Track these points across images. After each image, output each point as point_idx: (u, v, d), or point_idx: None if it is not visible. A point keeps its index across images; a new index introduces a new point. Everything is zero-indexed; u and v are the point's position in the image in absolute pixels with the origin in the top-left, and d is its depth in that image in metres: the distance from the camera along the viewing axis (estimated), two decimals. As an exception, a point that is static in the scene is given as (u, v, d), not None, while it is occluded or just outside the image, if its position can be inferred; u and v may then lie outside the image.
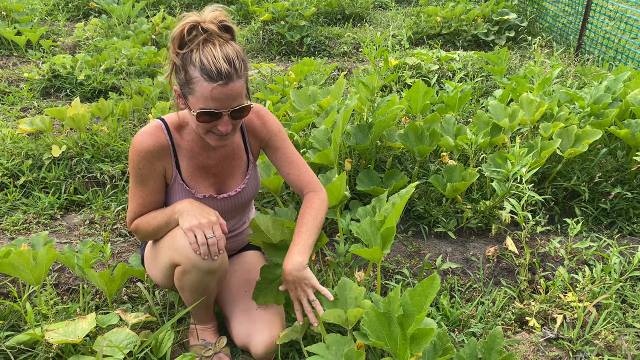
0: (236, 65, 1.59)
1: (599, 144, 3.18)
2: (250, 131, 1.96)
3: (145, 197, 1.82)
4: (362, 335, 1.66)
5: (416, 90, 3.17)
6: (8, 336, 1.91)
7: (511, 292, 2.33)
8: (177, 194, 1.86)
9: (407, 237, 2.76)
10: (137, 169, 1.77)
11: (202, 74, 1.57)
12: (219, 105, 1.61)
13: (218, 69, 1.55)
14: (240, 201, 1.98)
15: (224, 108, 1.62)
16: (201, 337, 1.96)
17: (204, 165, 1.88)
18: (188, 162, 1.85)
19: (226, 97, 1.60)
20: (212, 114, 1.62)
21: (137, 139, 1.76)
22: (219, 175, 1.92)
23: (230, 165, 1.94)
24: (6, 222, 2.82)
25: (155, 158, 1.78)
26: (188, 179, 1.86)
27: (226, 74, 1.56)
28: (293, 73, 4.35)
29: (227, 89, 1.58)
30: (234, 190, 1.94)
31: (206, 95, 1.58)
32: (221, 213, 1.93)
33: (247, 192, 1.99)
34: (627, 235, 2.83)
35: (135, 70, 5.03)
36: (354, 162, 3.01)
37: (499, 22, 6.43)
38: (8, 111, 4.20)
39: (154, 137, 1.77)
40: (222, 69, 1.55)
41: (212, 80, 1.56)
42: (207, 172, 1.89)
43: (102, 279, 2.00)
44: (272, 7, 6.32)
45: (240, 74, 1.61)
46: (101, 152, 3.34)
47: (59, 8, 7.38)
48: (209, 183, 1.91)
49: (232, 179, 1.95)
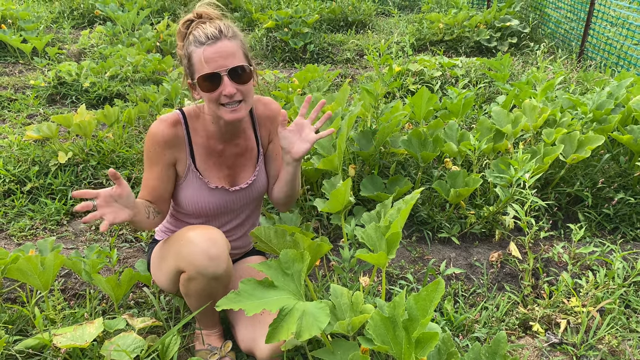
0: (222, 27, 1.70)
1: (601, 150, 3.19)
2: (262, 122, 2.01)
3: (149, 180, 1.87)
4: (366, 339, 1.67)
5: (420, 97, 3.19)
6: (16, 340, 1.93)
7: (515, 297, 2.34)
8: (191, 184, 1.90)
9: (411, 243, 2.77)
10: (147, 152, 1.85)
11: (194, 45, 1.70)
12: (214, 66, 1.68)
13: (205, 33, 1.68)
14: (251, 194, 2.01)
15: (219, 68, 1.68)
16: (207, 342, 1.98)
17: (219, 156, 1.93)
18: (203, 151, 1.90)
19: (218, 56, 1.68)
20: (211, 77, 1.69)
21: (154, 124, 1.84)
22: (233, 167, 1.97)
23: (243, 158, 1.98)
24: (13, 228, 2.84)
25: (166, 146, 1.84)
26: (202, 169, 1.91)
27: (212, 34, 1.68)
28: (297, 80, 4.37)
29: (217, 46, 1.68)
30: (246, 182, 1.98)
31: (201, 60, 1.68)
32: (232, 207, 1.98)
33: (258, 185, 2.03)
34: (630, 240, 2.83)
35: (140, 77, 5.07)
36: (358, 168, 3.03)
37: (501, 29, 6.46)
38: (15, 118, 4.23)
39: (169, 127, 1.83)
40: (209, 32, 1.68)
41: (201, 44, 1.68)
42: (220, 163, 1.94)
43: (109, 284, 2.02)
44: (276, 15, 6.37)
45: (228, 35, 1.70)
46: (107, 158, 3.37)
47: (65, 16, 7.45)
48: (223, 175, 1.95)
49: (244, 171, 2.00)
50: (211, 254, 1.69)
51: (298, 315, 1.49)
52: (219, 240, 1.73)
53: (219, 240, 1.73)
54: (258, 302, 1.54)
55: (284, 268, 1.68)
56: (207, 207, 1.94)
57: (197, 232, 1.72)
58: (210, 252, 1.69)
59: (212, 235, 1.73)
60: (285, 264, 1.68)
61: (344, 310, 1.82)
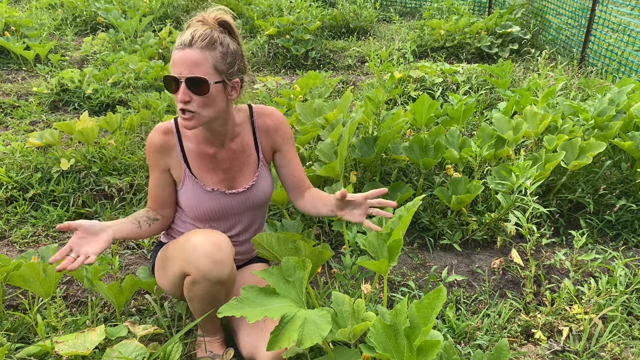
0: (196, 37, 1.71)
1: (603, 156, 3.19)
2: (262, 131, 2.03)
3: (151, 187, 1.97)
4: (368, 347, 1.67)
5: (421, 103, 3.20)
6: (18, 348, 1.93)
7: (517, 305, 2.34)
8: (189, 189, 1.94)
9: (413, 250, 2.77)
10: (148, 159, 1.96)
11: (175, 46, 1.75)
12: (176, 71, 1.72)
13: (181, 38, 1.72)
14: (252, 199, 2.02)
15: (180, 74, 1.71)
16: (209, 349, 1.98)
17: (212, 160, 1.95)
18: (195, 157, 1.94)
19: (181, 62, 1.71)
20: (171, 80, 1.73)
21: (150, 133, 1.93)
22: (228, 171, 1.98)
23: (239, 162, 1.99)
24: (15, 234, 2.85)
25: (160, 153, 1.92)
26: (197, 173, 1.94)
27: (184, 41, 1.72)
28: (298, 86, 4.39)
29: (183, 53, 1.71)
30: (244, 187, 1.99)
31: (171, 62, 1.75)
32: (233, 211, 1.99)
33: (258, 191, 2.03)
34: (632, 247, 2.83)
35: (143, 84, 5.09)
36: (360, 175, 3.03)
37: (502, 35, 6.48)
38: (17, 125, 4.25)
39: (160, 134, 1.91)
40: (183, 37, 1.72)
41: (176, 47, 1.74)
42: (215, 167, 1.96)
43: (111, 291, 2.02)
44: (278, 22, 6.40)
45: (200, 45, 1.71)
46: (109, 165, 3.38)
47: (67, 23, 7.49)
48: (218, 178, 1.96)
49: (242, 176, 2.00)
50: (216, 258, 1.70)
51: (300, 323, 1.49)
52: (224, 245, 1.74)
53: (224, 245, 1.74)
54: (260, 310, 1.55)
55: (285, 275, 1.68)
56: (206, 211, 1.95)
57: (202, 236, 1.73)
58: (215, 257, 1.70)
59: (217, 240, 1.74)
60: (287, 272, 1.69)
61: (346, 318, 1.82)
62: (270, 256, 1.95)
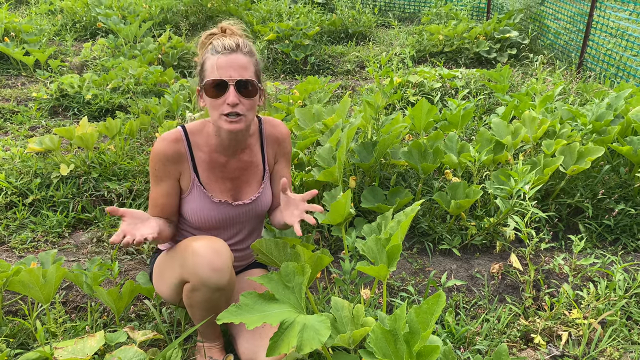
0: (240, 43, 1.78)
1: (601, 161, 3.20)
2: (269, 142, 2.04)
3: (157, 197, 1.92)
4: (368, 353, 1.66)
5: (419, 108, 3.21)
6: (17, 354, 1.93)
7: (516, 309, 2.34)
8: (196, 198, 1.93)
9: (412, 254, 2.78)
10: (153, 170, 1.91)
11: (210, 53, 1.78)
12: (224, 74, 1.74)
13: (223, 43, 1.77)
14: (255, 210, 2.03)
15: (228, 77, 1.74)
16: (208, 355, 1.97)
17: (222, 170, 1.95)
18: (206, 166, 1.93)
19: (229, 66, 1.74)
20: (218, 84, 1.74)
21: (156, 143, 1.89)
22: (236, 181, 1.98)
23: (247, 173, 2.00)
24: (15, 240, 2.85)
25: (170, 162, 1.89)
26: (205, 183, 1.93)
27: (229, 46, 1.76)
28: (297, 91, 4.40)
29: (231, 57, 1.75)
30: (249, 198, 2.00)
31: (213, 66, 1.75)
32: (236, 221, 1.99)
33: (262, 202, 2.04)
34: (631, 251, 2.83)
35: (142, 89, 5.09)
36: (359, 180, 3.04)
37: (500, 40, 6.50)
38: (17, 130, 4.26)
39: (170, 143, 1.88)
40: (226, 43, 1.76)
41: (217, 52, 1.76)
42: (224, 177, 1.96)
43: (111, 296, 2.02)
44: (277, 27, 6.42)
45: (244, 51, 1.78)
46: (108, 170, 3.38)
47: (67, 28, 7.50)
48: (225, 188, 1.96)
49: (248, 187, 2.01)
50: (215, 265, 1.70)
51: (299, 329, 1.49)
52: (223, 252, 1.74)
53: (223, 251, 1.75)
54: (259, 316, 1.55)
55: (284, 281, 1.68)
56: (210, 220, 1.95)
57: (201, 243, 1.74)
58: (214, 264, 1.70)
59: (216, 247, 1.74)
60: (286, 277, 1.69)
61: (345, 323, 1.82)
62: (269, 262, 1.95)
